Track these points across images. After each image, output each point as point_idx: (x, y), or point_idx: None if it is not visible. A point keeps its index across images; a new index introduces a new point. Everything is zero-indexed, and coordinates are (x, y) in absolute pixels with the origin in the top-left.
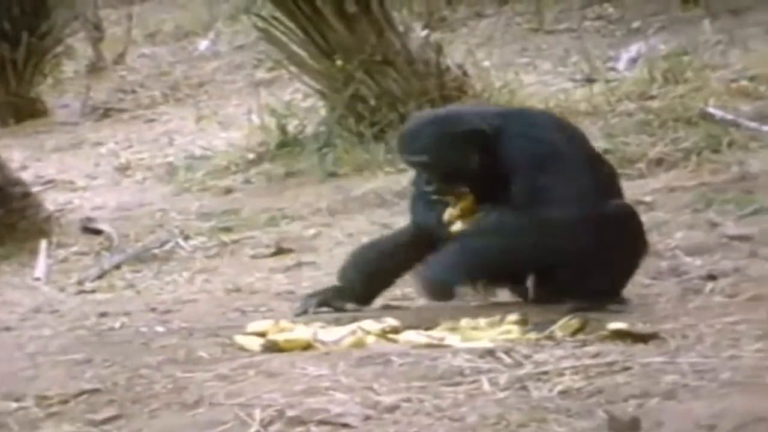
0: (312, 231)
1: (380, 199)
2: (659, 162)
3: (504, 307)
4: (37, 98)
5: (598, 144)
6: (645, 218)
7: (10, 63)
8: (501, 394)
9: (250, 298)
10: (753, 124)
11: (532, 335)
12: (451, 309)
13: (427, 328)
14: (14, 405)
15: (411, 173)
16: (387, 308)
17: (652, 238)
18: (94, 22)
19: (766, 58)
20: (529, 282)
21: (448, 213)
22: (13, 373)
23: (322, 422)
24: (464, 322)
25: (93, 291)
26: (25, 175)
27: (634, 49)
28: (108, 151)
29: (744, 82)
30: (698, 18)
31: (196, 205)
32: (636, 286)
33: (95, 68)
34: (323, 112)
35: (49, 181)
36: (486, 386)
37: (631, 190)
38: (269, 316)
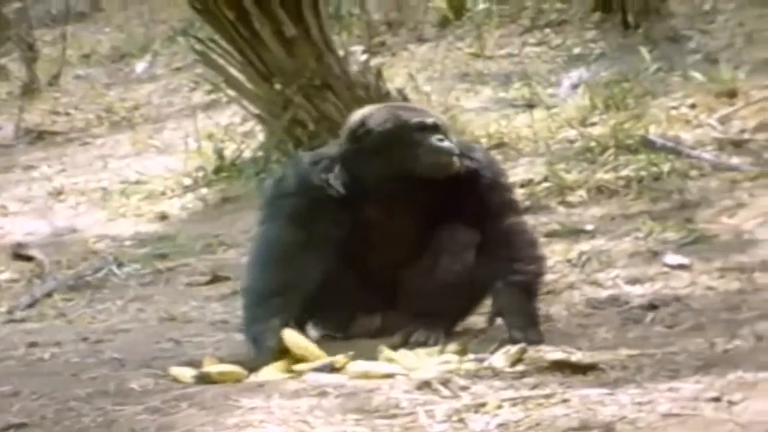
0: None
1: None
2: (600, 190)
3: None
4: None
5: (539, 170)
6: (586, 246)
7: None
8: (438, 428)
9: (184, 328)
10: (693, 152)
11: (471, 366)
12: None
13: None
14: None
15: None
16: (324, 338)
17: (593, 266)
18: (28, 42)
19: (705, 85)
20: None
21: None
22: None
23: None
24: (402, 353)
25: (23, 320)
26: None
27: (575, 75)
28: (41, 175)
29: (684, 110)
30: (638, 45)
31: (130, 231)
32: (577, 315)
33: (29, 89)
34: (261, 136)
35: None
36: (423, 419)
37: (572, 218)
38: (204, 346)
